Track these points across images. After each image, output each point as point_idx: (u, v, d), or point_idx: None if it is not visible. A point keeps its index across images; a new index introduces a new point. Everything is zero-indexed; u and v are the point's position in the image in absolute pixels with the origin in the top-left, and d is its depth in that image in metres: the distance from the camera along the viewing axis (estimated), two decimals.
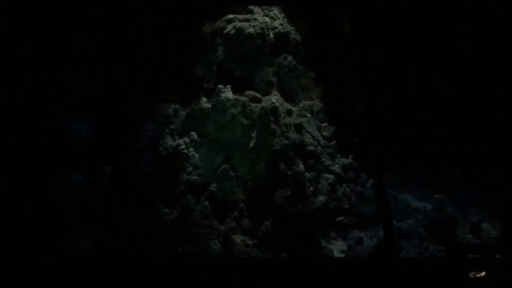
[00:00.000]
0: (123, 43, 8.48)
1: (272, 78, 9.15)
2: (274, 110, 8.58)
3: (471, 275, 4.07)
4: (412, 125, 9.24)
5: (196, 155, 8.47)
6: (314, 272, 5.67)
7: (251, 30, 9.06)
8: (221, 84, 8.61)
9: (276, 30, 9.38)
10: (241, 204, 8.10)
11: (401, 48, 8.98)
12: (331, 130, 9.33)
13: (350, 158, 9.20)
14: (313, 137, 9.01)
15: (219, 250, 7.37)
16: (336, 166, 9.01)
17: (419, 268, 4.87)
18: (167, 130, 8.82)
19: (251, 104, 8.64)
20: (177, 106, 9.10)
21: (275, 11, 9.62)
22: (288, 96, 9.27)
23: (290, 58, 9.39)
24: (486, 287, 3.95)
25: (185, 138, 8.61)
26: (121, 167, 6.82)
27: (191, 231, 7.56)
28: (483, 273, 4.06)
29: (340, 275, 5.62)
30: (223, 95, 8.49)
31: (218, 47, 9.28)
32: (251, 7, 9.56)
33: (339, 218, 8.53)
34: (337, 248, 8.15)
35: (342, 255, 7.95)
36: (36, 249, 6.34)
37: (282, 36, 9.42)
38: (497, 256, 4.15)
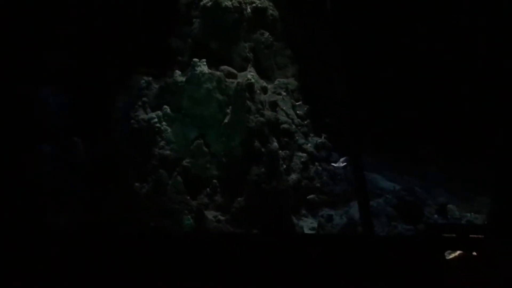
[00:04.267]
0: (97, 14, 8.17)
1: (248, 54, 9.03)
2: (250, 86, 8.47)
3: (446, 253, 4.23)
4: (383, 108, 9.38)
5: (169, 130, 8.30)
6: (286, 248, 5.71)
7: (229, 3, 8.84)
8: (196, 58, 8.41)
9: (254, 5, 9.23)
10: (214, 180, 8.04)
11: (382, 29, 9.03)
12: (305, 109, 9.36)
13: (322, 137, 9.29)
14: (288, 115, 9.01)
15: (191, 226, 7.34)
16: (309, 145, 9.08)
17: (394, 246, 4.99)
18: (140, 103, 8.57)
19: (226, 79, 8.50)
20: (150, 78, 8.81)
21: None
22: (263, 73, 9.17)
23: (267, 34, 9.28)
24: (461, 265, 4.12)
25: (158, 112, 8.40)
26: (94, 139, 6.63)
27: (164, 206, 7.49)
28: (458, 252, 4.22)
29: (313, 251, 5.68)
30: (198, 69, 8.31)
31: (194, 20, 9.04)
32: None
33: (311, 196, 8.64)
34: (308, 225, 8.28)
35: (312, 232, 8.08)
36: (6, 223, 6.12)
37: (259, 11, 9.28)
38: (475, 236, 4.31)
